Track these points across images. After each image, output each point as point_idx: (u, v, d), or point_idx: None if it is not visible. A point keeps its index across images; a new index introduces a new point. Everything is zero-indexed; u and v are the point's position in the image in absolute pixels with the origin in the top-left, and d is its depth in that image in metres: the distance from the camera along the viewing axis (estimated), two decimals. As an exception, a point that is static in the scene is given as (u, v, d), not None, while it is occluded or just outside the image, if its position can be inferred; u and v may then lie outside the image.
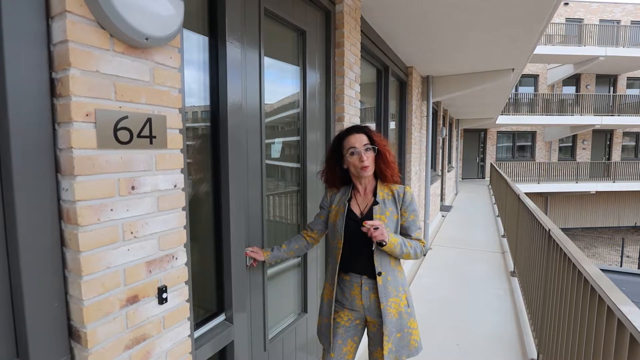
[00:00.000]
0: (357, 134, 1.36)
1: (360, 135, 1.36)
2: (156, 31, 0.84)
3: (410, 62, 4.06)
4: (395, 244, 1.28)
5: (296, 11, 1.79)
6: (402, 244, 1.31)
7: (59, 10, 0.73)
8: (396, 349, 1.33)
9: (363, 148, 1.33)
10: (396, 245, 1.28)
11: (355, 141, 1.34)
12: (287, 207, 1.92)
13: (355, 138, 1.35)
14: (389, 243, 1.26)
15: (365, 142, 1.34)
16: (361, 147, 1.33)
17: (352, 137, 1.36)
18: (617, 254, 12.32)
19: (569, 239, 1.87)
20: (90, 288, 0.78)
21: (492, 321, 2.92)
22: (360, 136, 1.35)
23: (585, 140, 15.55)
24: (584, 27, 13.50)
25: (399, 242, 1.30)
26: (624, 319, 1.06)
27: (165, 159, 0.94)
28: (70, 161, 0.74)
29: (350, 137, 1.36)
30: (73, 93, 0.73)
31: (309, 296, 2.02)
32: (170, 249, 0.97)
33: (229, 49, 1.29)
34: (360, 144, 1.34)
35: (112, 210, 0.81)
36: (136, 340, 0.89)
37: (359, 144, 1.34)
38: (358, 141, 1.34)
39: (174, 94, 0.96)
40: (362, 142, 1.34)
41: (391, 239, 1.27)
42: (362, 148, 1.33)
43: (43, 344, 0.76)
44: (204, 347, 1.22)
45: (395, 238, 1.29)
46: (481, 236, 5.87)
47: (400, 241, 1.31)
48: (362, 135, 1.36)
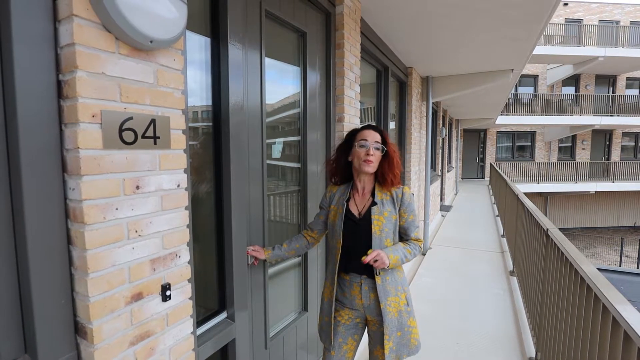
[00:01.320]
0: (373, 131, 1.40)
1: (375, 133, 1.40)
2: (160, 34, 0.86)
3: (410, 62, 4.07)
4: (396, 261, 1.31)
5: (297, 13, 1.80)
6: (402, 257, 1.34)
7: (66, 14, 0.75)
8: (397, 348, 1.34)
9: (373, 144, 1.36)
10: (397, 262, 1.32)
11: (368, 135, 1.38)
12: (287, 206, 1.94)
13: (369, 133, 1.39)
14: (390, 265, 1.29)
15: (377, 139, 1.38)
16: (372, 142, 1.37)
17: (367, 131, 1.40)
18: (616, 254, 12.34)
19: (566, 239, 1.89)
20: (96, 285, 0.80)
21: (491, 320, 2.94)
22: (375, 134, 1.39)
23: (584, 141, 15.58)
24: (584, 27, 13.52)
25: (399, 258, 1.33)
26: (619, 316, 1.08)
27: (169, 159, 0.96)
28: (77, 161, 0.76)
29: (365, 131, 1.40)
30: (80, 94, 0.75)
31: (310, 295, 2.03)
32: (173, 247, 0.98)
33: (230, 50, 1.31)
34: (372, 139, 1.37)
35: (117, 209, 0.83)
36: (140, 336, 0.91)
37: (371, 138, 1.37)
38: (370, 136, 1.38)
39: (177, 95, 0.97)
40: (375, 138, 1.38)
41: (392, 260, 1.30)
42: (372, 143, 1.36)
43: (50, 339, 0.78)
44: (206, 345, 1.23)
45: (395, 256, 1.31)
46: (481, 236, 5.89)
47: (401, 257, 1.34)
48: (376, 134, 1.40)
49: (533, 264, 2.64)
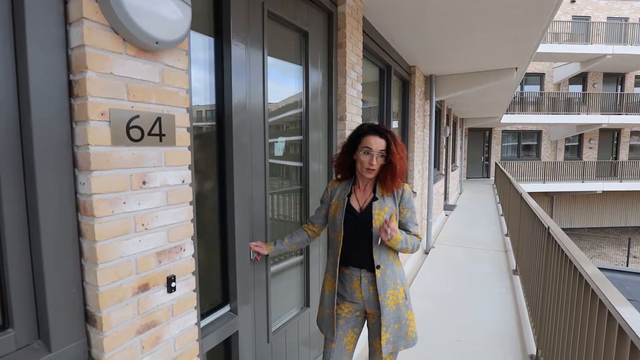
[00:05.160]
0: (379, 138, 1.36)
1: (381, 140, 1.36)
2: (166, 35, 0.90)
3: (413, 61, 4.08)
4: (398, 240, 1.33)
5: (299, 13, 1.83)
6: (404, 241, 1.36)
7: (77, 17, 0.78)
8: (394, 339, 1.37)
9: (377, 153, 1.35)
10: (399, 242, 1.34)
11: (374, 143, 1.35)
12: (289, 205, 1.97)
13: (374, 140, 1.36)
14: (393, 239, 1.31)
15: (381, 148, 1.36)
16: (376, 152, 1.35)
17: (373, 138, 1.36)
18: (623, 254, 12.21)
19: (567, 237, 1.89)
20: (105, 275, 0.84)
21: (493, 318, 2.95)
22: (380, 140, 1.36)
23: (592, 140, 15.40)
24: (591, 24, 13.35)
25: (402, 240, 1.35)
26: (615, 313, 1.09)
27: (174, 155, 0.99)
28: (87, 157, 0.80)
29: (371, 137, 1.37)
30: (89, 94, 0.79)
31: (312, 291, 2.07)
32: (178, 241, 1.02)
33: (233, 49, 1.35)
34: (376, 148, 1.35)
35: (125, 203, 0.87)
36: (147, 325, 0.95)
37: (375, 147, 1.35)
38: (375, 144, 1.35)
39: (182, 94, 1.01)
40: (379, 147, 1.35)
41: (396, 234, 1.32)
42: (376, 152, 1.35)
43: (62, 326, 0.82)
44: (209, 336, 1.27)
45: (399, 236, 1.34)
46: (484, 235, 5.88)
47: (404, 239, 1.36)
48: (382, 140, 1.36)
49: (535, 263, 2.65)
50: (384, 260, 1.38)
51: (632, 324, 0.99)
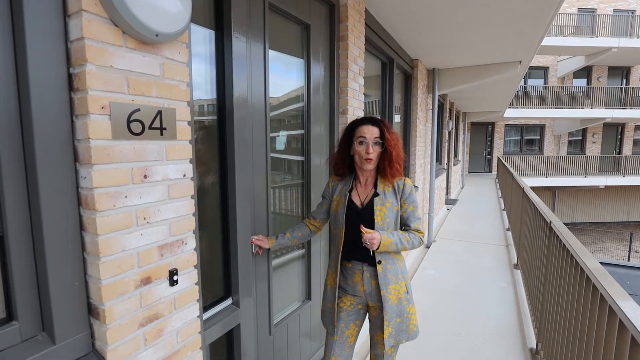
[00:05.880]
0: (371, 126, 1.38)
1: (374, 128, 1.37)
2: (166, 28, 0.89)
3: (415, 54, 4.04)
4: (389, 244, 1.33)
5: (300, 5, 1.81)
6: (397, 243, 1.36)
7: (76, 9, 0.78)
8: (396, 333, 1.38)
9: (372, 140, 1.36)
10: (390, 245, 1.34)
11: (367, 131, 1.37)
12: (291, 199, 1.97)
13: (367, 129, 1.37)
14: (381, 246, 1.32)
15: (376, 135, 1.37)
16: (370, 139, 1.36)
17: (365, 127, 1.38)
18: (625, 249, 12.20)
19: (568, 231, 1.89)
20: (108, 269, 0.84)
21: (494, 312, 2.96)
22: (373, 128, 1.37)
23: (595, 134, 15.28)
24: (597, 17, 13.15)
25: (393, 241, 1.34)
26: (616, 307, 1.09)
27: (175, 149, 0.99)
28: (88, 151, 0.80)
29: (364, 126, 1.38)
30: (90, 87, 0.78)
31: (313, 285, 2.08)
32: (180, 234, 1.03)
33: (234, 42, 1.33)
34: (370, 136, 1.36)
35: (126, 197, 0.87)
36: (149, 318, 0.95)
37: (370, 135, 1.36)
38: (369, 132, 1.37)
39: (183, 87, 1.00)
40: (373, 134, 1.36)
41: (384, 241, 1.32)
42: (371, 140, 1.36)
43: (66, 319, 0.83)
44: (212, 329, 1.28)
45: (388, 239, 1.33)
46: (486, 229, 5.88)
47: (395, 240, 1.35)
48: (375, 128, 1.37)
49: (536, 257, 2.65)
50: (384, 255, 1.39)
51: (633, 319, 0.99)
